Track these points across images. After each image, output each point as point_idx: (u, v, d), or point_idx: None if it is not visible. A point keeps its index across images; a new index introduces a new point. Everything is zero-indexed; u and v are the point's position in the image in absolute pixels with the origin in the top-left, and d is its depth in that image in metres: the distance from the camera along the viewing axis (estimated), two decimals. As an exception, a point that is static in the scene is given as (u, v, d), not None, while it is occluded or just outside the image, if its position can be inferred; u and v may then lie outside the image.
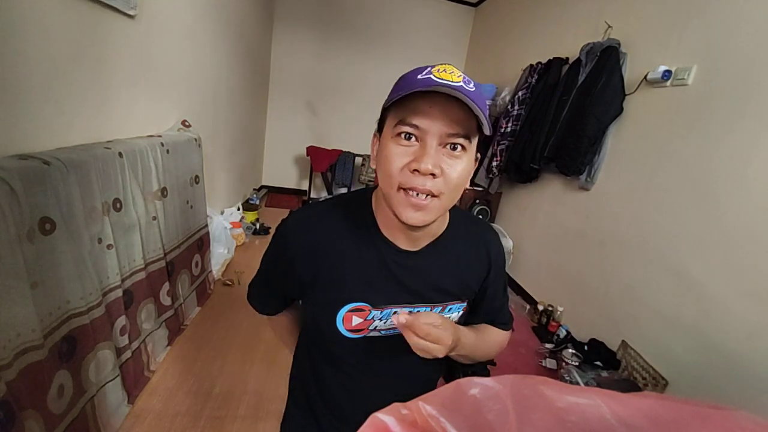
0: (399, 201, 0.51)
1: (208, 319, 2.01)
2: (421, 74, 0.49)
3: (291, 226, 0.61)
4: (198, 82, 2.30)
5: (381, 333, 0.62)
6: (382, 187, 0.53)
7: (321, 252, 0.59)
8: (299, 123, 4.61)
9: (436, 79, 0.47)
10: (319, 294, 0.61)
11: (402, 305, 0.61)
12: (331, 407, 0.69)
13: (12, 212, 0.87)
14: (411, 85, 0.47)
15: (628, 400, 0.31)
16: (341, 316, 0.59)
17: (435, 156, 0.48)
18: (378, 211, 0.60)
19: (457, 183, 0.51)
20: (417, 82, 0.48)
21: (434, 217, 0.52)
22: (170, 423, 1.39)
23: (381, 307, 0.60)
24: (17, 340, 0.91)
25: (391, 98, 0.50)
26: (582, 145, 2.14)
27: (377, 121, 0.57)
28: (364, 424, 0.30)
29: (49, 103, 1.12)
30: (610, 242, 2.08)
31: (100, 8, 1.29)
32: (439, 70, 0.48)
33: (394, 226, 0.58)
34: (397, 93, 0.49)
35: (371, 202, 0.61)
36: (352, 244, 0.59)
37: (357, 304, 0.59)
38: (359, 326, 0.60)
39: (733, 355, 1.42)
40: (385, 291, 0.60)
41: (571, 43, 2.51)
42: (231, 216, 2.91)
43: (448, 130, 0.48)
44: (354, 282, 0.59)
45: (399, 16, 4.41)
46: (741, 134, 1.48)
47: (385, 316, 0.60)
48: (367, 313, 0.60)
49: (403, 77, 0.52)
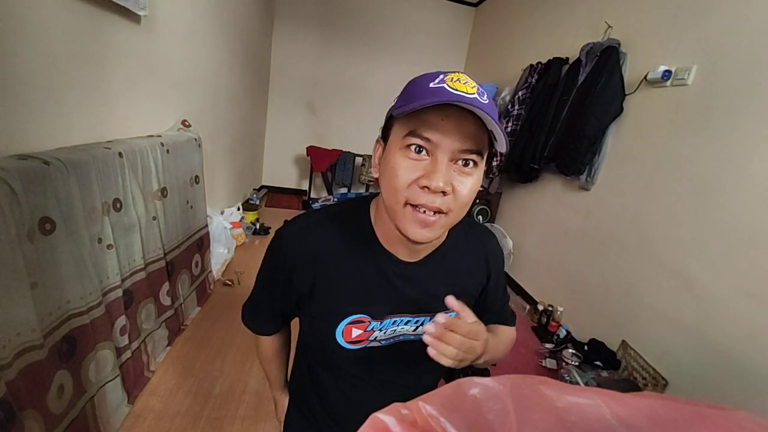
0: (405, 217, 0.48)
1: (208, 319, 2.01)
2: (432, 82, 0.46)
3: (288, 237, 0.58)
4: (198, 82, 2.30)
5: (381, 343, 0.61)
6: (387, 200, 0.50)
7: (319, 263, 0.57)
8: (299, 123, 4.61)
9: (450, 90, 0.44)
10: (318, 306, 0.59)
11: (402, 315, 0.60)
12: (330, 413, 0.68)
13: (12, 212, 0.87)
14: (423, 95, 0.44)
15: (628, 400, 0.31)
16: (341, 329, 0.58)
17: (446, 173, 0.46)
18: (377, 222, 0.58)
19: (467, 200, 0.49)
20: (429, 91, 0.45)
21: (440, 234, 0.50)
22: (170, 423, 1.39)
23: (381, 318, 0.59)
24: (17, 339, 0.91)
25: (401, 108, 0.46)
26: (582, 145, 2.14)
27: (381, 128, 0.54)
28: (364, 424, 0.30)
29: (49, 103, 1.12)
30: (610, 242, 2.08)
31: (101, 9, 1.29)
32: (453, 79, 0.45)
33: (394, 239, 0.57)
34: (408, 102, 0.45)
35: (370, 213, 0.59)
36: (350, 255, 0.57)
37: (356, 317, 0.58)
38: (359, 337, 0.59)
39: (733, 355, 1.42)
40: (385, 302, 0.59)
41: (571, 43, 2.51)
42: (231, 216, 2.91)
43: (462, 145, 0.46)
44: (353, 294, 0.58)
45: (399, 16, 4.41)
46: (741, 134, 1.48)
47: (385, 327, 0.59)
48: (366, 325, 0.59)
49: (413, 83, 0.49)
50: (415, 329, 0.62)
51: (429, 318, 0.61)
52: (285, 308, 0.65)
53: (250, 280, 0.75)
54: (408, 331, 0.62)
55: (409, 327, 0.61)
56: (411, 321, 0.61)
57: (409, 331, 0.62)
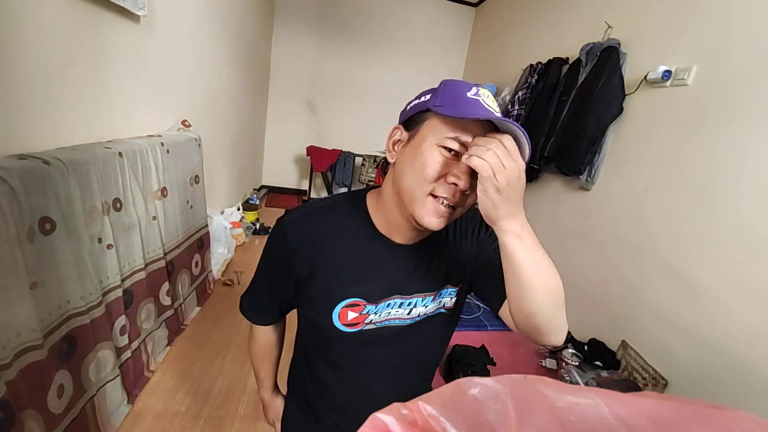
0: (426, 206, 0.52)
1: (208, 319, 2.01)
2: (469, 92, 0.51)
3: (289, 222, 0.62)
4: (198, 82, 2.30)
5: (376, 325, 0.63)
6: (408, 186, 0.53)
7: (318, 247, 0.60)
8: (299, 123, 4.61)
9: (486, 105, 0.49)
10: (315, 289, 0.62)
11: (396, 297, 0.62)
12: (328, 402, 0.69)
13: (12, 212, 0.87)
14: (464, 103, 0.49)
15: (628, 400, 0.31)
16: (337, 311, 0.60)
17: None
18: (375, 210, 0.62)
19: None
20: (470, 102, 0.50)
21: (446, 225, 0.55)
22: (170, 423, 1.39)
23: (376, 302, 0.61)
24: (17, 339, 0.91)
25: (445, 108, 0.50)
26: (582, 145, 2.14)
27: (402, 113, 0.58)
28: (364, 424, 0.30)
29: (49, 102, 1.12)
30: (610, 242, 2.08)
31: (100, 8, 1.29)
32: (485, 95, 0.51)
33: (393, 225, 0.60)
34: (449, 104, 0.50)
35: (366, 202, 0.63)
36: (347, 239, 0.61)
37: (353, 300, 0.60)
38: (354, 320, 0.61)
39: (733, 355, 1.42)
40: (380, 285, 0.61)
41: (571, 43, 2.51)
42: (231, 216, 2.91)
43: None
44: (349, 277, 0.60)
45: (399, 16, 4.41)
46: (741, 134, 1.48)
47: (379, 310, 0.62)
48: (362, 308, 0.61)
49: (451, 87, 0.53)
50: (409, 312, 0.64)
51: (421, 299, 0.64)
52: (283, 296, 0.67)
53: (249, 279, 0.76)
54: (402, 315, 0.64)
55: (403, 310, 0.63)
56: (404, 303, 0.63)
57: (403, 315, 0.63)
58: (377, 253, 0.61)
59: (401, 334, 0.65)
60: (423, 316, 0.65)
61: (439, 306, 0.66)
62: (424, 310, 0.64)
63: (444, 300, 0.66)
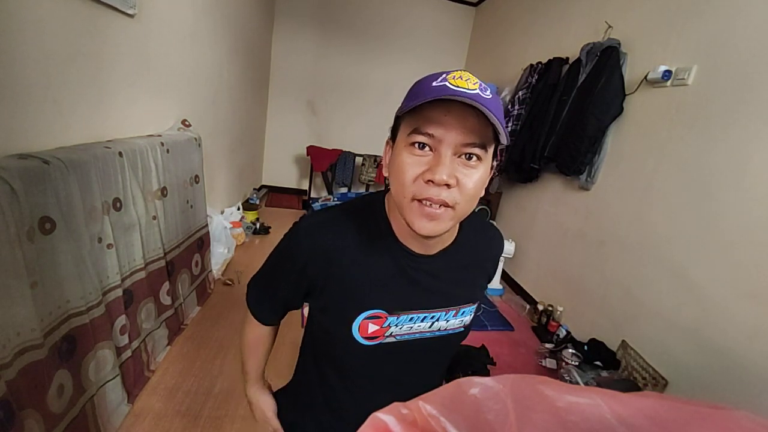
0: (412, 211, 0.50)
1: (208, 319, 2.01)
2: (435, 81, 0.47)
3: (306, 229, 0.59)
4: (198, 82, 2.30)
5: (396, 338, 0.61)
6: (395, 196, 0.52)
7: (335, 256, 0.58)
8: (299, 122, 4.61)
9: (452, 86, 0.46)
10: (332, 300, 0.59)
11: (418, 312, 0.60)
12: (334, 409, 0.68)
13: (12, 212, 0.87)
14: (426, 93, 0.46)
15: (628, 400, 0.31)
16: (357, 323, 0.58)
17: (450, 166, 0.47)
18: (392, 217, 0.59)
19: (473, 193, 0.50)
20: (432, 89, 0.46)
21: (448, 227, 0.51)
22: (170, 423, 1.39)
23: (397, 314, 0.59)
24: (17, 339, 0.91)
25: (404, 107, 0.49)
26: (582, 145, 2.14)
27: (390, 129, 0.56)
28: (364, 424, 0.30)
29: (48, 102, 1.12)
30: (610, 242, 2.08)
31: (99, 7, 1.29)
32: (455, 77, 0.47)
33: (407, 233, 0.58)
34: (411, 101, 0.48)
35: (385, 207, 0.61)
36: (366, 250, 0.58)
37: (374, 311, 0.58)
38: (375, 333, 0.59)
39: (733, 355, 1.42)
40: (402, 297, 0.59)
41: (571, 43, 2.51)
42: (231, 215, 2.91)
43: (464, 139, 0.47)
44: (370, 288, 0.58)
45: (399, 15, 4.41)
46: (741, 134, 1.48)
47: (401, 323, 0.60)
48: (383, 320, 0.59)
49: (418, 83, 0.51)
50: (431, 325, 0.62)
51: (444, 313, 0.62)
52: (290, 300, 0.66)
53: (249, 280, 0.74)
54: (424, 329, 0.62)
55: (425, 324, 0.61)
56: (427, 317, 0.61)
57: (425, 328, 0.62)
58: (398, 263, 0.58)
59: (419, 350, 0.63)
60: (444, 332, 0.63)
61: (459, 323, 0.65)
62: (445, 325, 0.63)
63: (465, 318, 0.65)
